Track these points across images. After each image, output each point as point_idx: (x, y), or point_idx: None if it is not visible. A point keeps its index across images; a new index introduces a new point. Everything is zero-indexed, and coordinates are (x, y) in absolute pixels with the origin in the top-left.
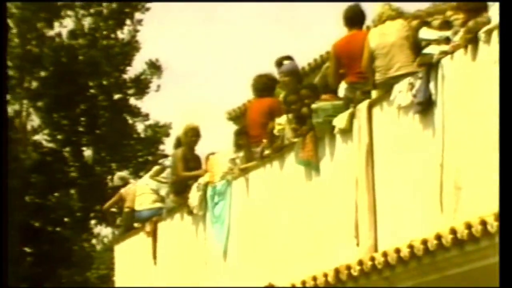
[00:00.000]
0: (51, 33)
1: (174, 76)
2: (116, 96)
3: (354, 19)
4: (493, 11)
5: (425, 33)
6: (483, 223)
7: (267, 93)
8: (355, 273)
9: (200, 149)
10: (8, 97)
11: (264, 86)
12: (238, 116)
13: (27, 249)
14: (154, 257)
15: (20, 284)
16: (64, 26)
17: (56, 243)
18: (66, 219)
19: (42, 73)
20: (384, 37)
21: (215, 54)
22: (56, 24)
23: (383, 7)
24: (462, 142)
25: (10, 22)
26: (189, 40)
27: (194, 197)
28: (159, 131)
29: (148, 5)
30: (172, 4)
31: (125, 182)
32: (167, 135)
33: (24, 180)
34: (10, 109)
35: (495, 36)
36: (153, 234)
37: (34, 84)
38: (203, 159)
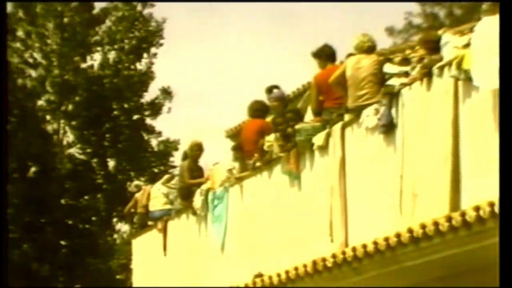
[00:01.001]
0: (84, 65)
1: (182, 100)
2: (135, 117)
3: (330, 57)
4: (445, 51)
5: (388, 68)
6: (436, 223)
7: (259, 116)
8: (329, 264)
9: (203, 161)
10: (48, 117)
11: (257, 109)
12: (234, 134)
13: (62, 242)
14: (164, 249)
15: (57, 271)
16: (94, 60)
17: (85, 237)
18: (93, 218)
19: (77, 98)
20: (358, 71)
21: (216, 82)
22: (88, 58)
23: (362, 37)
24: (418, 157)
25: (52, 57)
26: (194, 70)
27: (197, 200)
28: (169, 146)
29: (162, 41)
30: (180, 39)
31: (139, 189)
32: (176, 149)
33: (61, 186)
34: (50, 127)
35: (447, 71)
36: (164, 231)
37: (70, 107)
38: (205, 170)
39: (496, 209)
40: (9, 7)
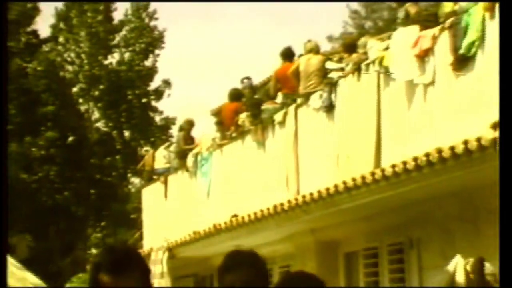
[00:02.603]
0: (106, 62)
1: (178, 88)
2: (143, 100)
3: (289, 56)
4: (371, 53)
5: (329, 65)
6: (363, 177)
7: (235, 99)
8: (285, 207)
9: (194, 132)
10: (81, 100)
11: (233, 95)
12: (217, 113)
13: (92, 191)
14: (165, 196)
15: (89, 212)
16: (113, 58)
17: (108, 188)
18: (114, 173)
19: (101, 86)
20: (308, 66)
21: (202, 75)
22: (109, 57)
23: (310, 43)
24: (350, 130)
25: (83, 56)
26: (186, 66)
27: (189, 161)
28: (169, 122)
29: (163, 45)
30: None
31: (147, 152)
32: (174, 124)
33: (90, 150)
34: (82, 108)
35: (371, 67)
36: (165, 183)
37: (96, 93)
38: (196, 138)
39: (409, 166)
40: (52, 19)
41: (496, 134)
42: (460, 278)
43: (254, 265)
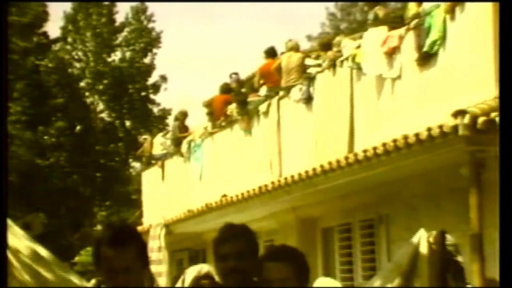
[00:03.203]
0: (109, 60)
1: (173, 83)
2: (143, 94)
3: (272, 54)
4: (345, 50)
5: (308, 61)
6: (337, 161)
7: (225, 92)
8: (269, 188)
9: (188, 122)
10: (87, 94)
11: (224, 88)
12: (208, 104)
13: (98, 174)
14: (163, 179)
15: (95, 193)
16: (116, 56)
17: (112, 171)
18: (117, 159)
19: (105, 81)
20: (289, 63)
21: (194, 71)
22: (112, 55)
23: (291, 42)
24: (327, 119)
25: (89, 54)
26: (180, 63)
27: (184, 147)
28: (165, 112)
29: (160, 45)
30: (172, 41)
31: (146, 140)
32: (170, 114)
33: (96, 138)
34: (88, 100)
35: (345, 63)
36: (162, 167)
37: (101, 87)
38: (189, 127)
39: (378, 151)
40: (61, 22)
41: (457, 121)
42: (424, 249)
43: (247, 237)
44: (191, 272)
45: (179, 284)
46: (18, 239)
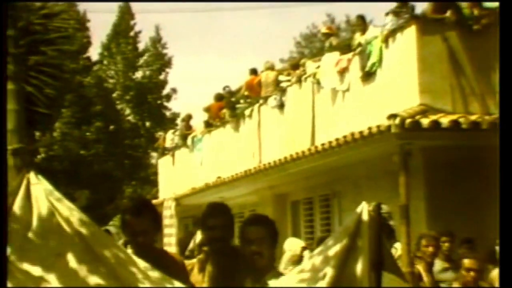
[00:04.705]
0: (134, 77)
1: (181, 94)
2: (158, 102)
3: (254, 72)
4: (308, 69)
5: (281, 77)
6: (303, 152)
7: (219, 100)
8: (252, 172)
9: (192, 122)
10: (118, 102)
11: (218, 97)
12: (207, 109)
13: (126, 161)
14: (173, 164)
15: (124, 175)
16: (139, 74)
17: (135, 159)
18: (140, 150)
19: (131, 93)
20: (267, 79)
21: (197, 84)
22: (136, 73)
23: (268, 63)
24: (296, 120)
25: (119, 73)
26: (186, 80)
27: (189, 141)
28: (175, 116)
29: (171, 66)
30: (180, 62)
31: (160, 136)
32: (178, 117)
33: (125, 135)
34: (119, 107)
35: (309, 79)
36: (173, 156)
37: (128, 97)
38: (193, 126)
39: (333, 144)
40: (100, 49)
41: (390, 122)
42: (365, 216)
43: (228, 212)
44: (199, 235)
45: (191, 243)
46: (68, 210)
